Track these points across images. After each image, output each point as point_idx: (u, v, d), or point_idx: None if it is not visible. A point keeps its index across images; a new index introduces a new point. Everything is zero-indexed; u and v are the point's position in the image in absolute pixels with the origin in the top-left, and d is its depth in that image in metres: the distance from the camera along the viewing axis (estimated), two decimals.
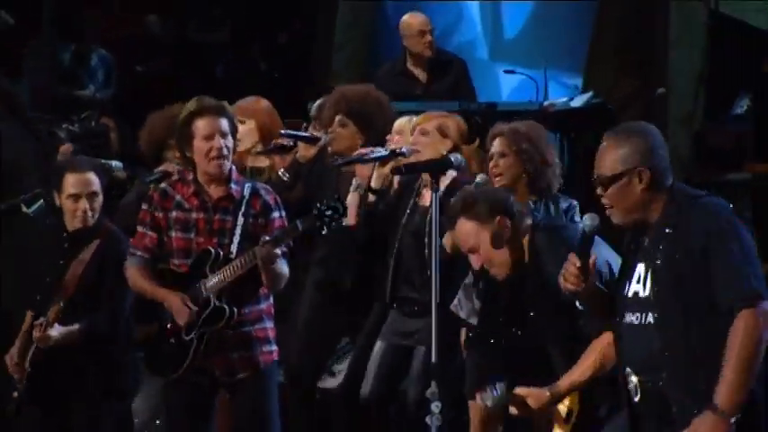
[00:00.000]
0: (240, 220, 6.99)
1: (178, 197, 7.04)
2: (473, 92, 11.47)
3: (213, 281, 6.91)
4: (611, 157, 5.45)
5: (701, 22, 12.65)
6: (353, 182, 8.28)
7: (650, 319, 5.42)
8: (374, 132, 8.48)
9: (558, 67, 12.66)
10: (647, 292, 5.43)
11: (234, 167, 7.10)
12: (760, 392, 5.39)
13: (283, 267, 6.90)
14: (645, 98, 12.36)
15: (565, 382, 5.96)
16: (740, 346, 5.17)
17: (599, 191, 5.49)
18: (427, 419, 6.33)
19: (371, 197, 8.24)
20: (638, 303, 5.47)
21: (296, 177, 8.78)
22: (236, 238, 7.00)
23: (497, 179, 7.29)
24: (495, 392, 6.01)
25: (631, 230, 5.60)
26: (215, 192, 6.99)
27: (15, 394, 7.62)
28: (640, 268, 5.47)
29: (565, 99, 11.32)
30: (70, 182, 7.52)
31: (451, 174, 7.70)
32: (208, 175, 6.96)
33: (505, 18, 15.06)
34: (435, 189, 6.49)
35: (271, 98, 10.98)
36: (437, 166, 6.66)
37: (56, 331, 7.38)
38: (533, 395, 5.93)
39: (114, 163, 8.75)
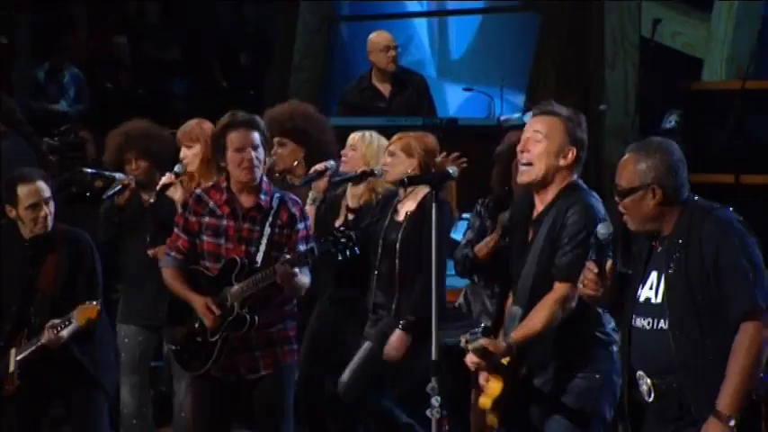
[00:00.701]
0: (267, 230, 7.00)
1: (212, 204, 7.05)
2: (433, 107, 11.55)
3: (236, 290, 6.94)
4: (629, 170, 5.48)
5: (634, 45, 12.70)
6: (309, 195, 8.32)
7: (663, 324, 5.45)
8: (312, 142, 8.53)
9: (504, 83, 12.58)
10: (659, 299, 5.47)
11: (265, 178, 7.13)
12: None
13: (303, 279, 6.96)
14: (583, 113, 12.14)
15: (519, 333, 5.99)
16: (743, 356, 5.22)
17: (617, 199, 5.53)
18: (427, 413, 6.29)
19: (350, 215, 8.24)
20: (649, 309, 5.51)
21: None
22: (263, 248, 6.99)
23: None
24: (476, 335, 6.02)
25: (643, 237, 5.64)
26: (246, 201, 6.99)
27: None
28: (653, 276, 5.51)
29: (519, 114, 11.39)
30: (25, 192, 7.44)
31: (424, 188, 7.75)
32: (240, 184, 6.97)
33: (452, 38, 15.25)
34: (435, 200, 6.40)
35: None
36: (437, 179, 6.62)
37: (66, 332, 7.33)
38: (493, 343, 5.96)
39: (118, 175, 8.59)
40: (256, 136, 6.91)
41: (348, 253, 6.82)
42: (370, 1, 15.95)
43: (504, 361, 5.99)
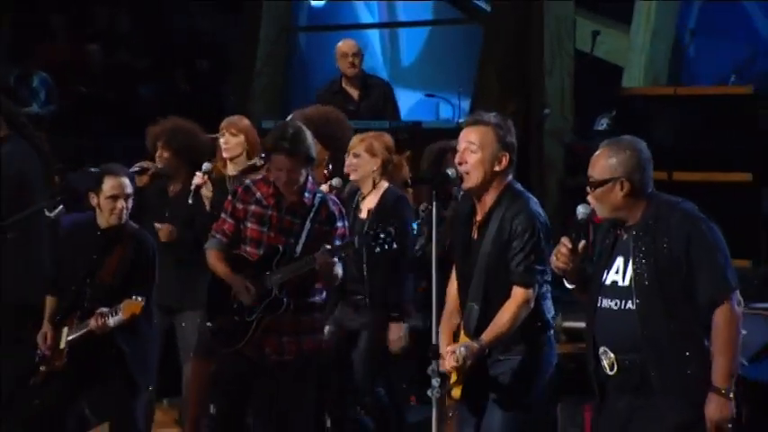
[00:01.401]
0: (308, 224, 7.02)
1: (258, 194, 7.05)
2: (397, 111, 11.58)
3: (277, 275, 6.95)
4: (601, 164, 5.57)
5: (569, 54, 12.78)
6: None
7: (630, 305, 5.55)
8: (339, 146, 8.43)
9: (450, 89, 12.66)
10: (626, 282, 5.55)
11: (311, 178, 7.16)
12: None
13: (338, 270, 6.96)
14: (525, 117, 12.27)
15: (489, 335, 6.08)
16: (726, 334, 5.32)
17: (589, 189, 5.60)
18: (428, 392, 6.26)
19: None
20: (616, 291, 5.59)
21: None
22: (302, 240, 7.01)
23: None
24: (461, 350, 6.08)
25: (605, 227, 5.76)
26: (291, 196, 7.02)
27: (42, 368, 7.54)
28: (619, 261, 5.59)
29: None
30: (109, 184, 7.43)
31: (384, 185, 7.89)
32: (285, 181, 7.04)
33: (402, 48, 15.60)
34: (435, 199, 6.37)
35: (189, 116, 11.35)
36: (438, 179, 6.54)
37: (112, 321, 7.31)
38: (471, 351, 6.05)
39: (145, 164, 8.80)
40: (295, 162, 6.92)
41: (386, 247, 6.84)
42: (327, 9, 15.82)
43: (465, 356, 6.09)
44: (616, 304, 5.54)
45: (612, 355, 5.53)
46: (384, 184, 7.89)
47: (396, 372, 8.25)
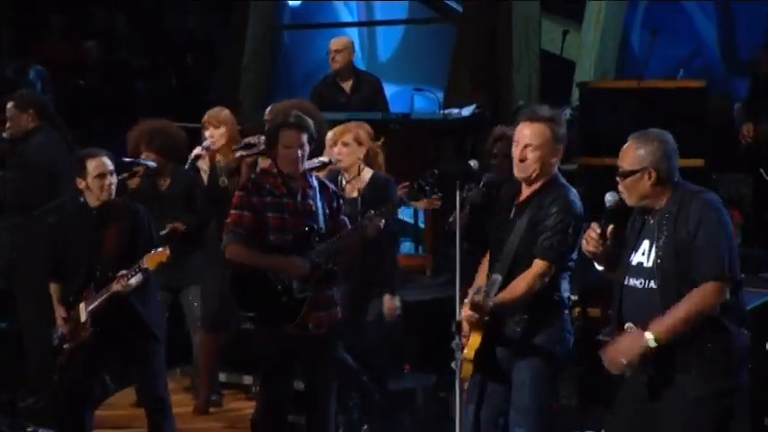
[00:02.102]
0: (319, 204, 7.00)
1: (268, 186, 7.00)
2: (387, 103, 11.46)
3: (322, 249, 6.92)
4: (630, 155, 5.59)
5: (535, 52, 13.03)
6: None
7: (653, 284, 5.58)
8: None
9: (424, 83, 12.67)
10: (650, 264, 5.58)
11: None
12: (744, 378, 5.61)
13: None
14: (493, 108, 12.36)
15: (502, 297, 6.11)
16: (695, 303, 5.39)
17: (619, 179, 5.62)
18: (452, 365, 6.27)
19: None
20: (641, 271, 5.63)
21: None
22: (321, 218, 6.98)
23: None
24: (479, 293, 6.10)
25: (637, 214, 5.75)
26: (298, 181, 6.99)
27: (66, 346, 7.55)
28: (645, 244, 5.63)
29: (458, 110, 11.41)
30: (93, 165, 7.39)
31: (369, 170, 7.93)
32: (294, 169, 6.96)
33: (379, 44, 15.62)
34: (460, 188, 6.41)
35: (179, 108, 11.55)
36: (462, 171, 6.57)
37: (134, 280, 7.31)
38: (483, 303, 6.07)
39: (150, 163, 8.69)
40: (305, 137, 6.94)
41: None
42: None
43: (487, 318, 6.14)
44: (641, 283, 5.61)
45: (635, 329, 5.59)
46: (368, 170, 7.98)
47: (390, 343, 8.27)
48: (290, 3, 15.87)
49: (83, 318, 7.38)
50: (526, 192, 6.22)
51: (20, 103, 9.07)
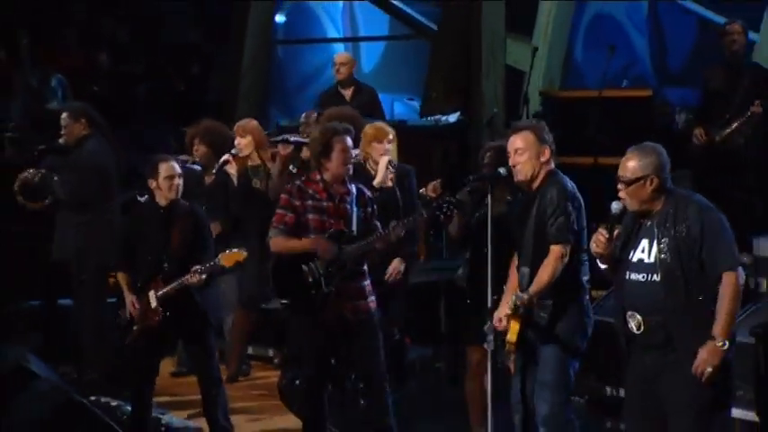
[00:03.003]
0: (355, 209, 7.12)
1: (311, 191, 7.12)
2: (383, 110, 11.75)
3: (350, 250, 7.03)
4: (632, 165, 5.71)
5: (501, 64, 13.06)
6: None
7: (655, 277, 5.69)
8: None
9: (403, 92, 12.92)
10: (651, 259, 5.70)
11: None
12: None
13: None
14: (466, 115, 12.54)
15: (534, 288, 6.30)
16: (729, 298, 5.53)
17: (621, 187, 5.73)
18: (485, 345, 6.47)
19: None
20: (642, 267, 5.74)
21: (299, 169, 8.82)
22: (354, 221, 7.11)
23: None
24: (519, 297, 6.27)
25: (629, 218, 5.86)
26: (337, 189, 7.10)
27: (135, 327, 7.75)
28: (644, 243, 5.74)
29: (446, 117, 11.90)
30: (164, 168, 7.64)
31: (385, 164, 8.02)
32: (335, 176, 7.05)
33: (363, 57, 15.56)
34: (491, 194, 6.52)
35: (182, 110, 11.82)
36: (493, 177, 6.68)
37: (206, 275, 7.56)
38: (520, 296, 6.28)
39: (197, 166, 9.05)
40: (350, 141, 7.13)
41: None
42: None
43: (521, 302, 6.32)
44: (643, 277, 5.73)
45: (640, 317, 5.71)
46: (385, 163, 8.14)
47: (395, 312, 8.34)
48: (277, 19, 15.80)
49: (153, 304, 7.64)
50: (532, 191, 6.47)
51: (73, 114, 9.19)
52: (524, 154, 6.41)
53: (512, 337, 6.27)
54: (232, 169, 9.10)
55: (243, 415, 8.45)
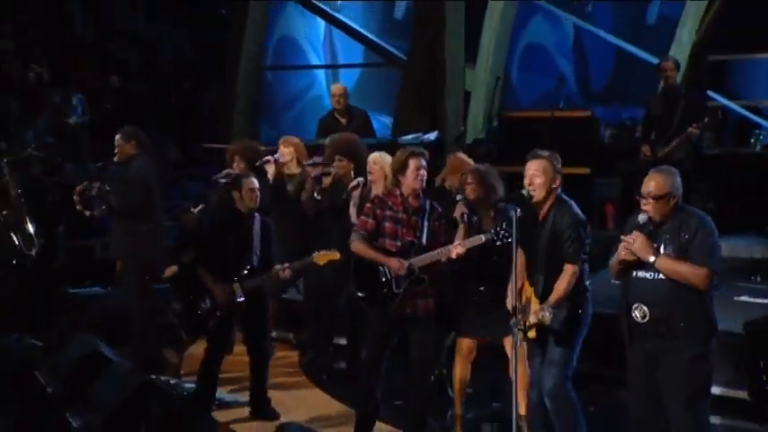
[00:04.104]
0: (426, 222, 7.12)
1: (390, 203, 7.17)
2: (373, 129, 12.01)
3: (418, 261, 7.03)
4: (659, 183, 5.83)
5: (461, 88, 13.45)
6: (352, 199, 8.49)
7: (661, 276, 5.80)
8: (359, 161, 8.69)
9: (377, 112, 12.97)
10: (652, 258, 5.82)
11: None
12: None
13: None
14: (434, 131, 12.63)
15: (554, 297, 6.36)
16: (690, 271, 5.69)
17: (648, 201, 5.83)
18: (512, 340, 6.41)
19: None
20: (649, 266, 5.84)
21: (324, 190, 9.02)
22: (426, 233, 7.11)
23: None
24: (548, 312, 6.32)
25: (631, 226, 5.96)
26: (412, 202, 7.12)
27: (218, 313, 7.92)
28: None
29: (427, 135, 12.14)
30: (247, 183, 7.92)
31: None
32: (412, 191, 7.09)
33: (341, 81, 15.15)
34: (515, 210, 6.35)
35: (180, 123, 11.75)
36: (517, 197, 6.62)
37: (288, 272, 7.86)
38: (547, 311, 6.30)
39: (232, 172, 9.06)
40: (423, 161, 7.13)
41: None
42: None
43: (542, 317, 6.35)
44: (651, 275, 5.85)
45: (645, 308, 5.84)
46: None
47: None
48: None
49: (239, 295, 7.85)
50: (543, 210, 6.52)
51: (125, 136, 9.25)
52: (540, 178, 6.47)
53: (533, 334, 6.40)
54: (270, 168, 9.29)
55: (275, 390, 8.44)
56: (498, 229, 6.86)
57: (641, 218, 5.88)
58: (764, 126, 12.45)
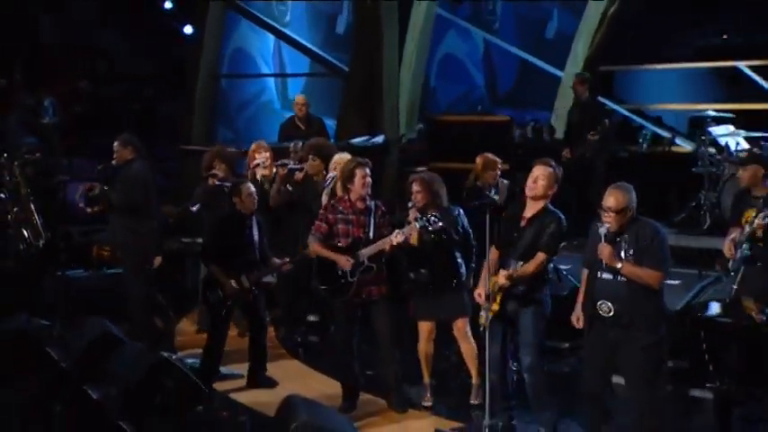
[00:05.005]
0: (372, 220, 7.27)
1: (341, 207, 7.32)
2: (329, 134, 12.05)
3: (366, 252, 7.17)
4: (619, 198, 5.87)
5: (396, 95, 13.45)
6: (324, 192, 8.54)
7: (622, 278, 5.88)
8: (328, 160, 8.83)
9: (323, 115, 12.50)
10: (620, 265, 5.90)
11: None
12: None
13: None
14: (370, 132, 12.84)
15: (519, 272, 6.42)
16: (646, 273, 5.77)
17: (610, 215, 5.84)
18: (481, 320, 6.52)
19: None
20: (612, 270, 5.91)
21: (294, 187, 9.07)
22: (372, 229, 7.24)
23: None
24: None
25: (593, 234, 6.01)
26: (359, 205, 7.28)
27: (229, 303, 7.85)
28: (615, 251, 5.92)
29: (375, 138, 12.17)
30: (245, 188, 7.96)
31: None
32: (358, 196, 7.23)
33: (289, 88, 16.04)
34: (490, 214, 6.45)
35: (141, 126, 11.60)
36: (490, 201, 6.79)
37: (288, 266, 7.91)
38: (507, 274, 6.40)
39: (226, 183, 8.85)
40: (368, 170, 7.27)
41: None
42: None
43: (506, 285, 6.47)
44: (613, 277, 5.93)
45: (610, 304, 5.92)
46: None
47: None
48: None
49: (247, 285, 7.86)
50: (532, 210, 6.56)
51: (123, 142, 9.16)
52: (543, 181, 6.52)
53: (496, 306, 6.52)
54: (259, 173, 9.30)
55: None
56: (427, 217, 6.95)
57: (602, 230, 5.93)
58: (648, 127, 12.51)
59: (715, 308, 6.13)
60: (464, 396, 7.52)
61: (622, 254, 5.93)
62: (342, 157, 8.52)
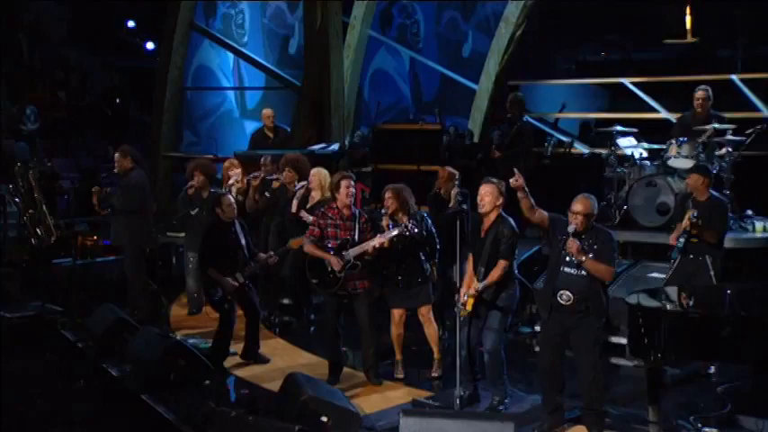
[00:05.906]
0: (357, 225, 7.33)
1: (330, 214, 7.37)
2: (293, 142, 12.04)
3: (352, 252, 7.22)
4: (585, 205, 5.99)
5: (340, 105, 13.08)
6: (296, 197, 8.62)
7: (582, 272, 6.00)
8: (303, 172, 8.88)
9: (280, 122, 12.26)
10: (584, 258, 6.01)
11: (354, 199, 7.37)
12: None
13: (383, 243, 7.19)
14: (318, 141, 12.55)
15: (488, 281, 6.45)
16: (602, 268, 5.90)
17: (578, 218, 5.96)
18: (455, 310, 6.50)
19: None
20: (573, 264, 6.03)
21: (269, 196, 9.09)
22: (356, 234, 7.28)
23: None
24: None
25: (559, 233, 6.05)
26: (345, 211, 7.33)
27: (228, 297, 7.81)
28: None
29: (332, 146, 11.99)
30: (226, 201, 7.82)
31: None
32: (344, 203, 7.30)
33: (247, 99, 16.05)
34: (461, 221, 6.46)
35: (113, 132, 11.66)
36: (460, 211, 6.68)
37: (273, 259, 7.88)
38: (477, 286, 6.45)
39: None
40: (352, 182, 7.36)
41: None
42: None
43: (477, 290, 6.52)
44: (574, 271, 6.07)
45: (570, 294, 6.03)
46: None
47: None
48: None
49: (241, 280, 7.81)
50: (487, 222, 6.66)
51: (123, 153, 9.10)
52: (489, 197, 6.60)
53: (469, 307, 6.58)
54: (236, 185, 9.31)
55: (243, 341, 8.22)
56: (406, 224, 7.06)
57: (570, 228, 6.09)
58: (552, 133, 12.47)
59: (650, 294, 6.19)
60: (428, 370, 7.71)
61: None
62: (319, 171, 8.65)
